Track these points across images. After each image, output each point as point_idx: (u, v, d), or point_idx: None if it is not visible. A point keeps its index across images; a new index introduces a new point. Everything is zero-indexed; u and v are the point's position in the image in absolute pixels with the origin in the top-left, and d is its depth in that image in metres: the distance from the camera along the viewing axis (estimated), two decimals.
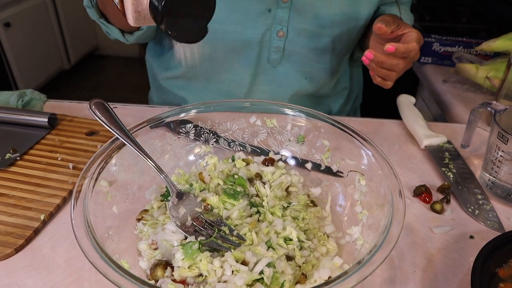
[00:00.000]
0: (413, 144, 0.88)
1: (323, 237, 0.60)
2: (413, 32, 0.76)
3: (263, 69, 0.96)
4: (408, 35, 0.75)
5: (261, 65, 0.95)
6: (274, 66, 0.96)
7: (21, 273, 0.57)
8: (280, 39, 0.91)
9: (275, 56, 0.94)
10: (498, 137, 0.69)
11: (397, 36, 0.78)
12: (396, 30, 0.77)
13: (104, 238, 0.52)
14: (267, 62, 0.95)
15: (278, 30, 0.90)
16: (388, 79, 0.78)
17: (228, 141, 0.73)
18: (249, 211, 0.62)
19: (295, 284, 0.53)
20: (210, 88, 1.01)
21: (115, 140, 0.62)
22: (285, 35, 0.91)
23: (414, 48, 0.74)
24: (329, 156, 0.69)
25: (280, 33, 0.90)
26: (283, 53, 0.94)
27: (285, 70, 0.97)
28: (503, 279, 0.56)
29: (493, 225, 0.68)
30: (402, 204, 0.52)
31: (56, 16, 3.26)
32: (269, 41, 0.92)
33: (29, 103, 0.94)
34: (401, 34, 0.77)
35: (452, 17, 1.72)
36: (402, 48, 0.72)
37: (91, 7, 0.85)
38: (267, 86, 0.98)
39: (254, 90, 0.99)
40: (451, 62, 1.28)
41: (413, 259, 0.62)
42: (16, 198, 0.68)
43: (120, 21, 0.88)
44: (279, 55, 0.94)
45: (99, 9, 0.87)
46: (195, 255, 0.53)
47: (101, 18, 0.88)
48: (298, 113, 0.70)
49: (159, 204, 0.63)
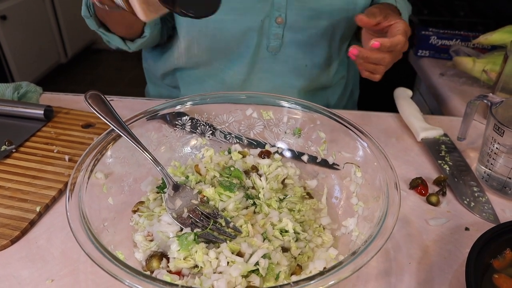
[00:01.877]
0: (410, 137, 0.88)
1: (319, 229, 0.61)
2: (400, 24, 0.76)
3: (262, 57, 0.96)
4: (395, 26, 0.76)
5: (260, 53, 0.95)
6: (274, 54, 0.95)
7: (16, 264, 0.57)
8: (279, 26, 0.91)
9: (274, 43, 0.93)
10: (494, 129, 0.69)
11: (385, 28, 0.78)
12: (383, 22, 0.77)
13: (99, 230, 0.52)
14: (266, 50, 0.95)
15: (277, 16, 0.89)
16: (375, 73, 0.79)
17: (224, 133, 0.73)
18: (245, 203, 0.62)
19: (290, 275, 0.53)
20: (208, 79, 1.01)
21: (110, 132, 0.62)
22: (284, 21, 0.90)
23: (400, 41, 0.74)
24: (325, 148, 0.69)
25: (278, 20, 0.90)
26: (282, 40, 0.93)
27: (284, 57, 0.96)
28: (498, 270, 0.56)
29: (489, 217, 0.68)
30: (397, 196, 0.53)
31: (53, 9, 3.24)
32: (268, 28, 0.91)
33: (25, 96, 0.93)
34: (387, 26, 0.77)
35: (449, 10, 1.71)
36: (387, 43, 0.73)
37: (89, 17, 0.84)
38: (266, 74, 0.98)
39: (252, 78, 0.98)
40: (448, 55, 1.28)
41: (409, 251, 0.62)
42: (12, 190, 0.68)
43: (122, 28, 0.88)
44: (278, 43, 0.93)
45: (97, 18, 0.86)
46: (191, 247, 0.53)
47: (101, 27, 0.87)
48: (294, 105, 0.69)
49: (155, 196, 0.63)
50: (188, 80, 1.03)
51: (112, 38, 0.89)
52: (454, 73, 1.18)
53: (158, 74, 1.08)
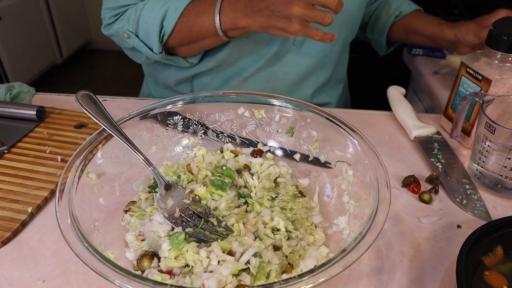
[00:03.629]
0: (403, 135, 0.89)
1: (310, 227, 0.61)
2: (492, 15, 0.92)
3: (287, 51, 0.97)
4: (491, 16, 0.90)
5: (286, 47, 0.96)
6: (299, 48, 0.97)
7: (8, 265, 0.57)
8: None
9: (300, 37, 0.94)
10: (485, 127, 0.70)
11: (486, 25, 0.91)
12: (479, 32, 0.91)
13: (90, 230, 0.52)
14: (292, 44, 0.96)
15: None
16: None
17: (216, 132, 0.73)
18: (237, 202, 0.62)
19: (282, 274, 0.53)
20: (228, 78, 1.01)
21: (101, 132, 0.61)
22: None
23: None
24: (317, 146, 0.69)
25: None
26: None
27: (307, 50, 0.97)
28: (489, 267, 0.56)
29: (481, 214, 0.69)
30: (388, 193, 0.53)
31: (48, 9, 3.23)
32: None
33: (18, 96, 0.93)
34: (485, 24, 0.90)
35: (444, 9, 1.72)
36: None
37: (162, 51, 0.89)
38: (292, 68, 0.99)
39: (277, 72, 0.99)
40: (442, 53, 1.28)
41: (401, 249, 0.62)
42: (4, 191, 0.68)
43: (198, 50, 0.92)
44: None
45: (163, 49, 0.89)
46: (182, 246, 0.53)
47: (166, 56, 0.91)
48: (285, 103, 0.69)
49: (146, 196, 0.63)
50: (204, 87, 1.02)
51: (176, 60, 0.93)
52: (448, 71, 1.18)
53: (171, 81, 1.04)
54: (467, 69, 0.81)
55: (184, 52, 0.92)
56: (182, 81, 1.03)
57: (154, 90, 1.14)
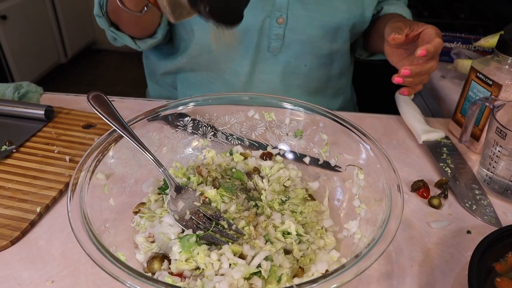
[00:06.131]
0: (411, 139, 0.88)
1: (321, 231, 0.60)
2: (430, 29, 0.74)
3: (263, 58, 0.95)
4: (426, 32, 0.74)
5: (261, 53, 0.95)
6: (275, 55, 0.95)
7: (16, 265, 0.57)
8: (280, 26, 0.90)
9: (275, 44, 0.93)
10: (496, 132, 0.69)
11: (414, 37, 0.76)
12: (410, 33, 0.76)
13: (101, 231, 0.51)
14: (267, 50, 0.94)
15: (278, 16, 0.89)
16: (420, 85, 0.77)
17: (226, 134, 0.73)
18: (247, 205, 0.62)
19: (293, 278, 0.53)
20: (209, 79, 1.00)
21: (112, 133, 0.61)
22: (285, 22, 0.90)
23: (440, 43, 0.72)
24: (327, 150, 0.69)
25: (280, 20, 0.90)
26: (283, 40, 0.93)
27: (285, 58, 0.96)
28: (500, 273, 0.56)
29: (490, 220, 0.68)
30: (400, 199, 0.52)
31: (53, 9, 3.24)
32: (268, 28, 0.91)
33: (26, 96, 0.93)
34: (417, 34, 0.76)
35: (450, 13, 1.71)
36: (431, 48, 0.71)
37: (101, 16, 0.85)
38: (268, 75, 0.98)
39: (254, 79, 0.98)
40: (449, 58, 1.27)
41: (411, 254, 0.62)
42: (12, 190, 0.68)
43: (135, 29, 0.88)
44: (279, 43, 0.93)
45: (109, 18, 0.86)
46: (192, 248, 0.53)
47: (111, 26, 0.88)
48: (296, 107, 0.69)
49: (156, 197, 0.63)
50: (188, 84, 1.03)
51: (122, 37, 0.90)
52: (455, 75, 1.18)
53: (159, 72, 1.08)
54: (477, 73, 0.81)
55: (125, 29, 0.89)
56: (167, 73, 1.06)
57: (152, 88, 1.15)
